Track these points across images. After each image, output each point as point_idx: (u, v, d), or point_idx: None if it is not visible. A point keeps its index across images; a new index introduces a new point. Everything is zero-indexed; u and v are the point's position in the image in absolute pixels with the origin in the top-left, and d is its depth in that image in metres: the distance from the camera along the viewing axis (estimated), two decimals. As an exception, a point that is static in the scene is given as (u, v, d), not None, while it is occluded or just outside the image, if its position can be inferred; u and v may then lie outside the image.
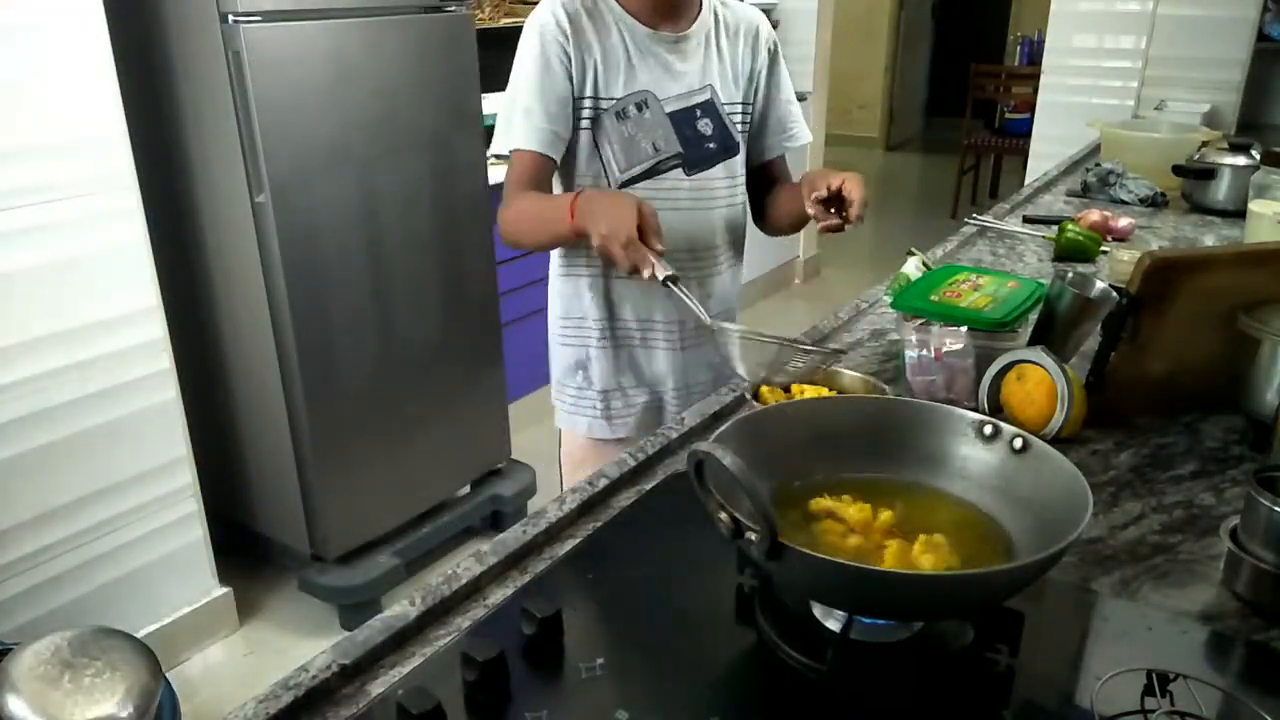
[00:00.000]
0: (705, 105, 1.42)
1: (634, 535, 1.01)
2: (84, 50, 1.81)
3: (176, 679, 2.02)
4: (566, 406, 1.55)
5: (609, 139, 1.37)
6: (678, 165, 1.40)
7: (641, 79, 1.37)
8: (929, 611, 0.79)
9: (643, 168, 1.38)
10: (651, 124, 1.38)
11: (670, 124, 1.39)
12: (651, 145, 1.38)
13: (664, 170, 1.39)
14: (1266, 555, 0.87)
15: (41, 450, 1.87)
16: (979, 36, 8.07)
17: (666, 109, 1.38)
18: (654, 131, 1.38)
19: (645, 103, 1.37)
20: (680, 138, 1.40)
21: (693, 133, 1.41)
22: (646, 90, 1.37)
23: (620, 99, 1.36)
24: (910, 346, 1.25)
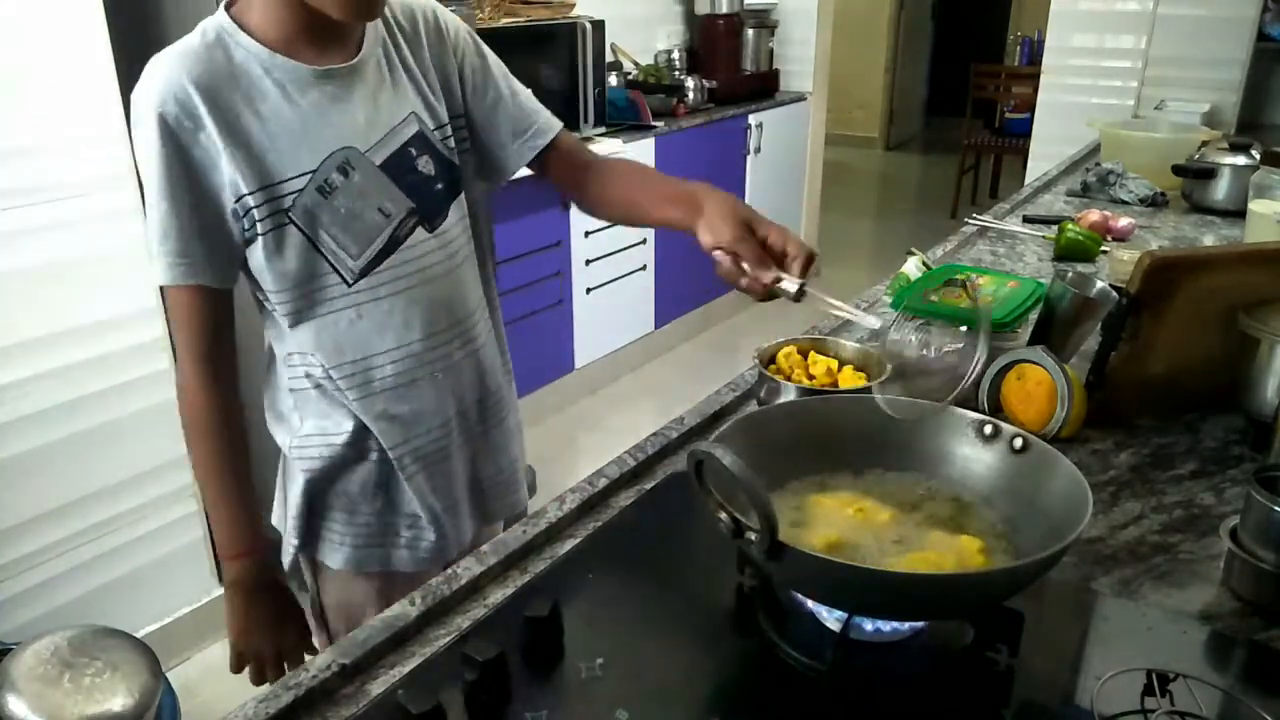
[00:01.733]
0: (417, 139, 1.09)
1: (634, 535, 1.01)
2: (84, 50, 1.81)
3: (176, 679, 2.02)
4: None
5: (321, 226, 1.03)
6: (416, 224, 1.09)
7: (330, 134, 1.03)
8: (929, 611, 0.79)
9: (380, 244, 1.06)
10: (365, 186, 1.05)
11: (387, 179, 1.07)
12: (378, 213, 1.06)
13: (404, 238, 1.08)
14: (1266, 555, 0.87)
15: (41, 450, 1.87)
16: (979, 36, 8.07)
17: (375, 160, 1.06)
18: (372, 194, 1.05)
19: (349, 163, 1.03)
20: (404, 189, 1.08)
21: (415, 178, 1.09)
22: (344, 146, 1.03)
23: (315, 170, 1.02)
24: (910, 346, 1.25)
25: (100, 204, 1.87)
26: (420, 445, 1.16)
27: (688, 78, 3.99)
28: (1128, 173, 2.37)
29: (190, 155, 0.98)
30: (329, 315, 1.07)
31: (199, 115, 0.97)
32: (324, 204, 1.03)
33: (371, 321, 1.08)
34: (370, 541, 1.19)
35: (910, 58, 8.41)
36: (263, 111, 1.00)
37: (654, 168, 1.37)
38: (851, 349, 1.24)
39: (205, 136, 0.98)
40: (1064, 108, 3.76)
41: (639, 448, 1.14)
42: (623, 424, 3.40)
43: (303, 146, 1.02)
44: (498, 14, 2.94)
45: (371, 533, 1.19)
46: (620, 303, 3.62)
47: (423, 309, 1.11)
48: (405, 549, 1.20)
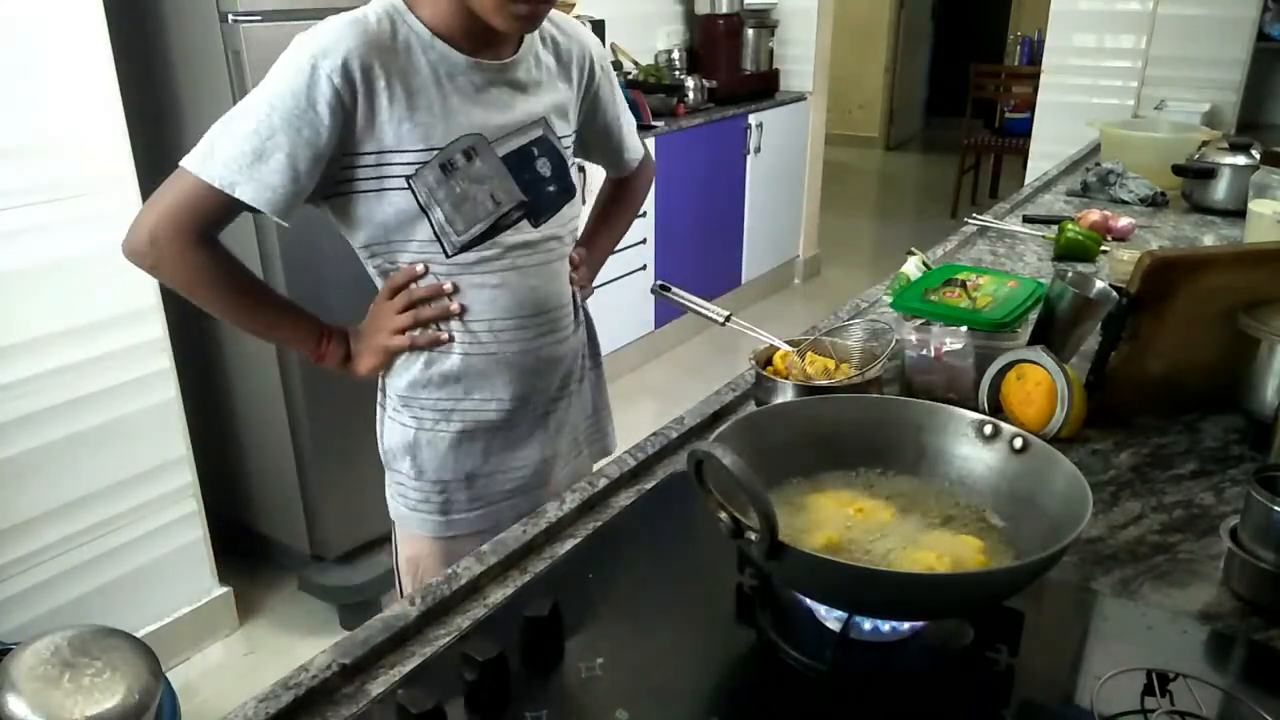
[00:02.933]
0: (540, 142, 1.19)
1: (634, 535, 1.01)
2: (84, 50, 1.81)
3: (176, 679, 2.02)
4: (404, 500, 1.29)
5: (436, 199, 1.11)
6: (522, 217, 1.18)
7: (464, 120, 1.12)
8: (929, 611, 0.79)
9: (483, 226, 1.14)
10: (485, 173, 1.14)
11: (506, 169, 1.15)
12: (490, 198, 1.14)
13: (507, 226, 1.16)
14: (1266, 555, 0.87)
15: (41, 450, 1.87)
16: (979, 36, 8.08)
17: (499, 152, 1.15)
18: (489, 181, 1.14)
19: (474, 149, 1.13)
20: (520, 184, 1.17)
21: (532, 176, 1.18)
22: (474, 133, 1.13)
23: (443, 148, 1.11)
24: (910, 346, 1.25)
25: (100, 204, 1.87)
26: (480, 419, 1.23)
27: (688, 77, 3.99)
28: (1128, 173, 2.37)
29: (318, 105, 1.04)
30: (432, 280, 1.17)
31: (351, 79, 1.05)
32: (444, 180, 1.11)
33: (464, 294, 1.17)
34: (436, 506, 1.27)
35: (910, 58, 8.41)
36: (412, 85, 1.09)
37: (631, 213, 1.61)
38: (850, 348, 1.24)
39: (346, 97, 1.05)
40: (1064, 108, 3.76)
41: (639, 448, 1.14)
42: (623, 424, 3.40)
43: (439, 125, 1.11)
44: (498, 14, 2.93)
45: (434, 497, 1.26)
46: (620, 303, 3.62)
47: (510, 294, 1.18)
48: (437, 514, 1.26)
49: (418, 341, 1.18)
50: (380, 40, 1.07)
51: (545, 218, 1.20)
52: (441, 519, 1.26)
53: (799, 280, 4.95)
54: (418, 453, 1.23)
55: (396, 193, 1.11)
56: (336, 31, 1.06)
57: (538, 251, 1.20)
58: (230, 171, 1.05)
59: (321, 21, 1.08)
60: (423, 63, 1.10)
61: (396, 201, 1.11)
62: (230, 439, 2.46)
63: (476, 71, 1.13)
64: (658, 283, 1.31)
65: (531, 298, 1.20)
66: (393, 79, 1.08)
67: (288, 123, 1.04)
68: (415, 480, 1.25)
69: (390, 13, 1.10)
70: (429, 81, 1.10)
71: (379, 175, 1.10)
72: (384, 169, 1.10)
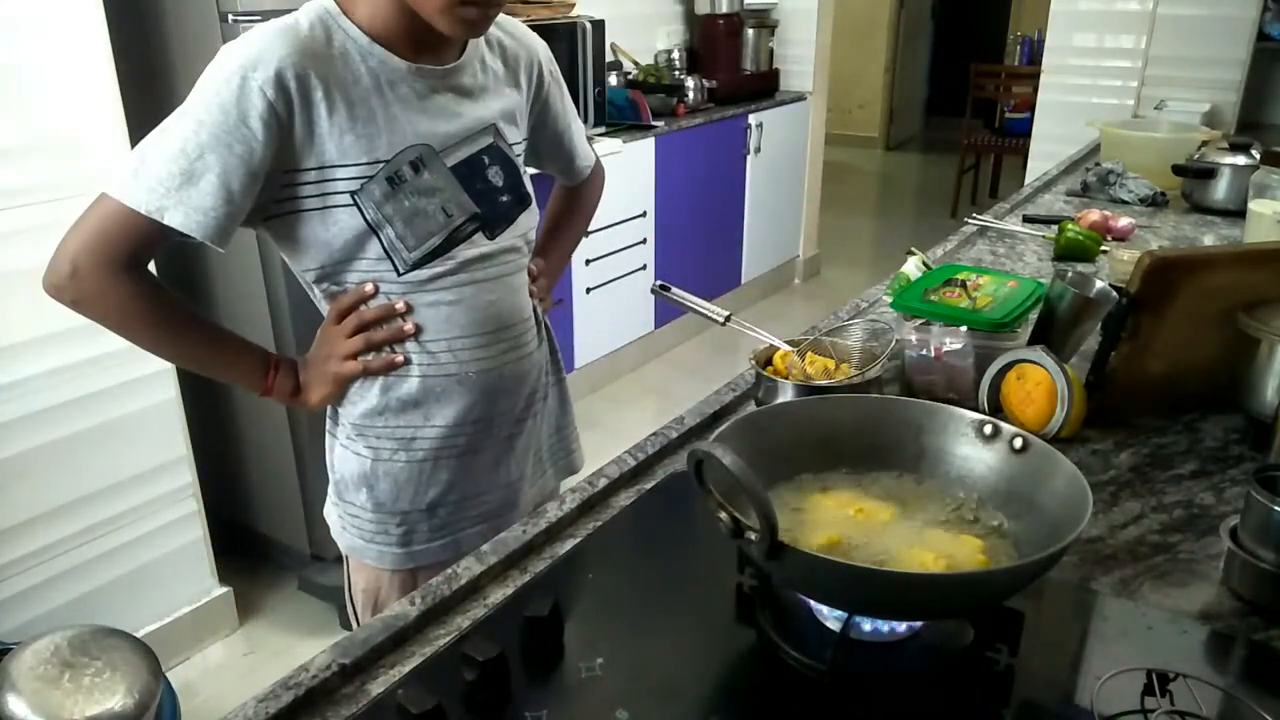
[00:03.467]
0: (491, 150, 1.14)
1: (634, 535, 1.01)
2: (84, 50, 1.81)
3: (176, 679, 2.02)
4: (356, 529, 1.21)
5: (384, 215, 1.05)
6: (476, 230, 1.12)
7: (409, 130, 1.06)
8: (929, 611, 0.79)
9: (436, 241, 1.08)
10: (435, 185, 1.08)
11: (456, 180, 1.10)
12: (442, 211, 1.08)
13: (461, 239, 1.10)
14: (1266, 555, 0.87)
15: (41, 450, 1.87)
16: (979, 36, 8.08)
17: (448, 162, 1.09)
18: (440, 193, 1.08)
19: (422, 159, 1.06)
20: (472, 195, 1.11)
21: (485, 186, 1.12)
22: (421, 143, 1.06)
23: (389, 161, 1.04)
24: (910, 346, 1.25)
25: (100, 204, 1.87)
26: (443, 445, 1.17)
27: (688, 77, 3.99)
28: (1128, 172, 2.37)
29: (252, 121, 0.97)
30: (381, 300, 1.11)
31: (285, 90, 0.98)
32: (392, 195, 1.05)
33: (416, 315, 1.11)
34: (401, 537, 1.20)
35: (910, 58, 8.42)
36: (352, 95, 1.03)
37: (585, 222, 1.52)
38: (850, 348, 1.24)
39: (280, 111, 0.98)
40: (1064, 108, 3.76)
41: (639, 448, 1.14)
42: (623, 424, 3.40)
43: (382, 136, 1.04)
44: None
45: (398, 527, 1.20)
46: (620, 303, 3.62)
47: (468, 310, 1.13)
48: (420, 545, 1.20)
49: (371, 366, 1.12)
50: (314, 48, 1.01)
51: (500, 229, 1.15)
52: (401, 551, 1.19)
53: (799, 280, 4.95)
54: (375, 484, 1.16)
55: (342, 210, 1.04)
56: (266, 40, 0.99)
57: (495, 264, 1.15)
58: (157, 195, 0.97)
59: (249, 30, 1.01)
60: (362, 70, 1.03)
61: (342, 219, 1.04)
62: (230, 439, 2.46)
63: (419, 78, 1.07)
64: (658, 283, 1.30)
65: (491, 313, 1.15)
66: (331, 89, 1.01)
67: (218, 140, 0.97)
68: (372, 512, 1.18)
69: (323, 18, 1.03)
70: (369, 90, 1.04)
71: (322, 193, 1.03)
72: (327, 185, 1.03)
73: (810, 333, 1.30)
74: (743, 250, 4.41)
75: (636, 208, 3.63)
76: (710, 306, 1.27)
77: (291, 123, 1.00)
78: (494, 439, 1.20)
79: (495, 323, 1.16)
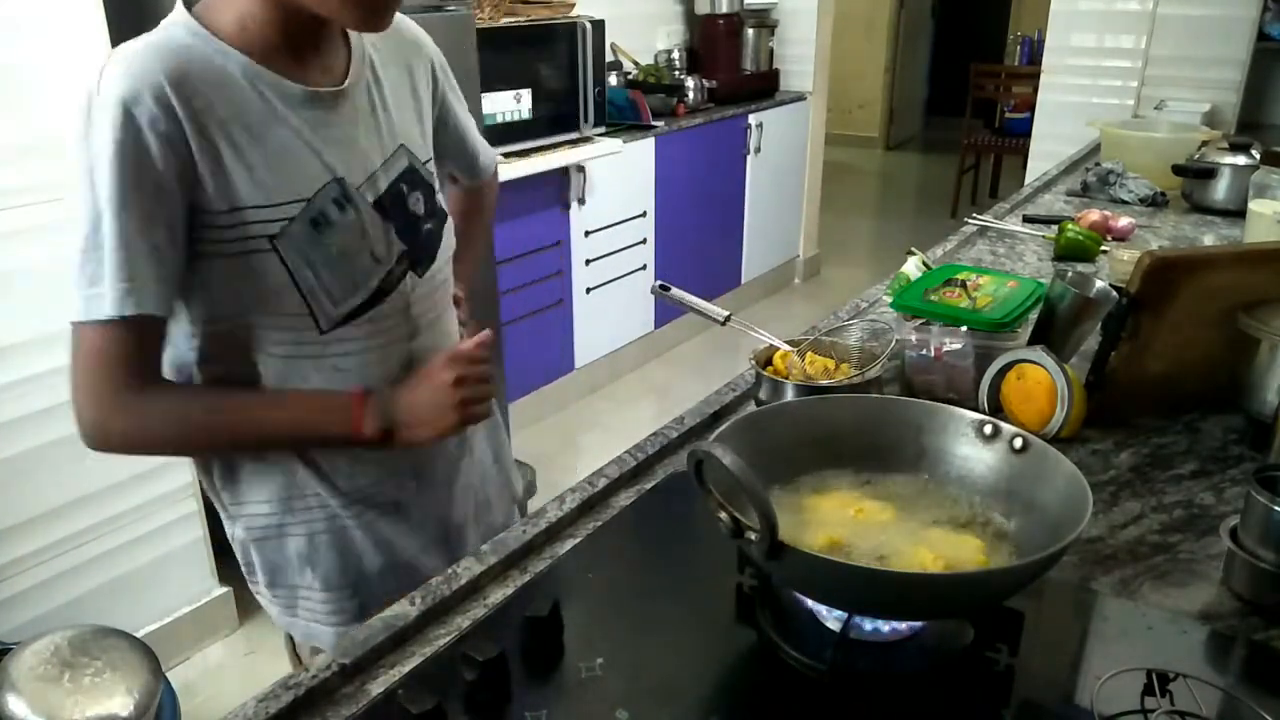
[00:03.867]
0: (408, 174, 1.00)
1: (634, 535, 1.01)
2: (83, 50, 1.81)
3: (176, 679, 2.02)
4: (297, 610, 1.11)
5: (308, 262, 0.91)
6: (405, 270, 0.99)
7: (323, 162, 0.92)
8: (929, 611, 0.79)
9: (367, 292, 0.95)
10: (359, 224, 0.94)
11: (379, 218, 0.96)
12: (370, 257, 0.95)
13: (392, 287, 0.97)
14: (1266, 555, 0.87)
15: (41, 450, 1.87)
16: (979, 36, 8.08)
17: (368, 197, 0.95)
18: (367, 235, 0.95)
19: (345, 196, 0.93)
20: (398, 231, 0.98)
21: (408, 218, 0.99)
22: (337, 177, 0.92)
23: (309, 200, 0.90)
24: (910, 346, 1.25)
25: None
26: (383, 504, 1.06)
27: (688, 77, 3.99)
28: (1128, 172, 2.37)
29: (154, 162, 0.84)
30: (299, 362, 0.95)
31: (175, 115, 0.84)
32: (317, 239, 0.91)
33: (335, 376, 0.97)
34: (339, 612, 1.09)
35: (910, 58, 8.42)
36: (251, 125, 0.88)
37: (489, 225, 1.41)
38: (850, 348, 1.24)
39: (178, 141, 0.85)
40: (1064, 108, 3.76)
41: (639, 448, 1.14)
42: (623, 424, 3.40)
43: (297, 171, 0.91)
44: (498, 14, 2.93)
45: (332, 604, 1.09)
46: (620, 303, 3.62)
47: (399, 364, 1.01)
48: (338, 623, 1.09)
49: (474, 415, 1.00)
50: (196, 66, 0.86)
51: (428, 264, 1.02)
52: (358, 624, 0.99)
53: (799, 280, 4.95)
54: (316, 561, 1.04)
55: (259, 256, 0.89)
56: (140, 61, 0.84)
57: (428, 303, 1.03)
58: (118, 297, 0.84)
59: (112, 58, 0.85)
60: (252, 95, 0.88)
61: (257, 267, 0.89)
62: (230, 439, 2.45)
63: (317, 102, 0.92)
64: (658, 283, 1.30)
65: (424, 359, 1.02)
66: (227, 117, 0.87)
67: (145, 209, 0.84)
68: (321, 591, 1.06)
69: (191, 34, 0.87)
70: (268, 118, 0.89)
71: (240, 236, 0.89)
72: (245, 229, 0.89)
73: (810, 333, 1.30)
74: (743, 250, 4.41)
75: (636, 208, 3.63)
76: (710, 306, 1.28)
77: (190, 151, 0.85)
78: (434, 484, 1.10)
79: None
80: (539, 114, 3.03)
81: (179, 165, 0.85)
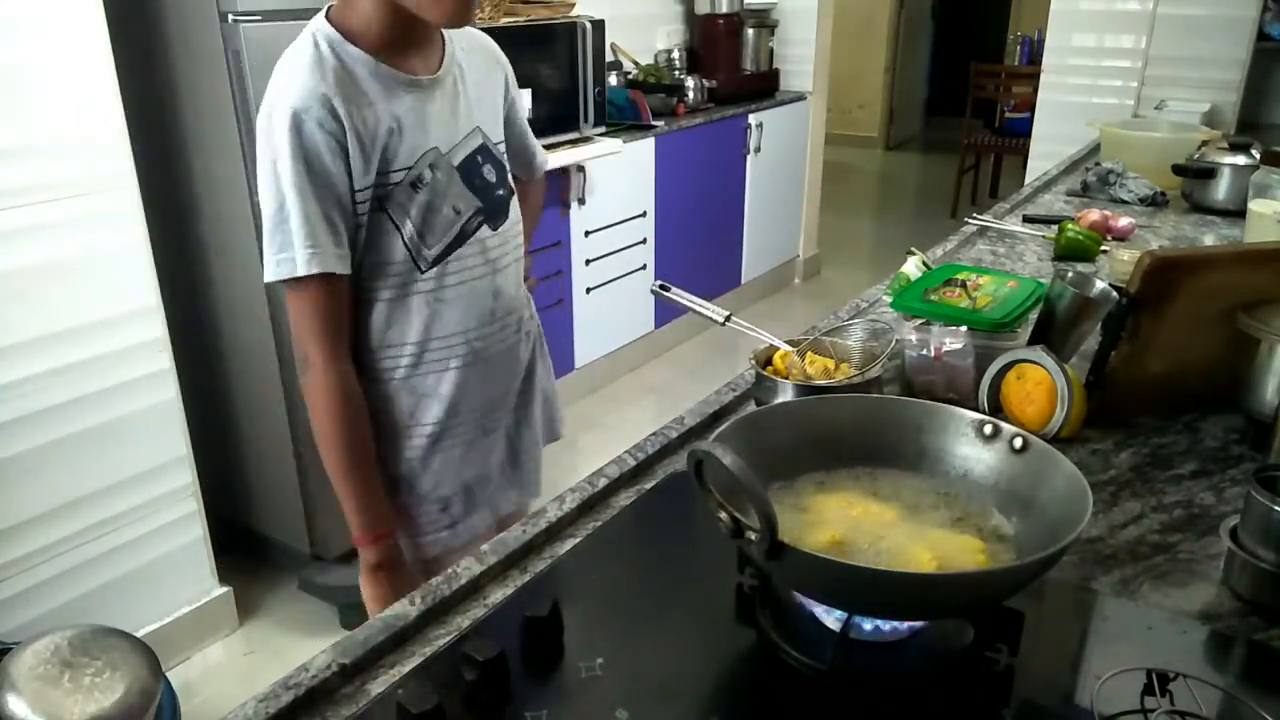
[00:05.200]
0: (482, 150, 1.25)
1: (634, 535, 1.01)
2: (84, 50, 1.81)
3: (176, 679, 2.02)
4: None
5: (408, 216, 1.16)
6: (482, 223, 1.24)
7: (422, 137, 1.16)
8: (929, 611, 0.79)
9: (451, 236, 1.20)
10: (445, 184, 1.19)
11: (460, 180, 1.21)
12: (452, 209, 1.19)
13: (471, 233, 1.22)
14: (1266, 555, 0.87)
15: (41, 450, 1.87)
16: (979, 36, 8.08)
17: (454, 162, 1.20)
18: (449, 192, 1.19)
19: (435, 163, 1.17)
20: (474, 191, 1.22)
21: (482, 182, 1.24)
22: (433, 147, 1.17)
23: (411, 167, 1.15)
24: (910, 346, 1.25)
25: (100, 204, 1.87)
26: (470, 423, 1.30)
27: (688, 77, 3.99)
28: (1128, 172, 2.37)
29: (323, 152, 1.09)
30: (407, 299, 1.20)
31: (337, 113, 1.08)
32: (413, 197, 1.16)
33: (441, 306, 1.22)
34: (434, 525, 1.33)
35: (910, 58, 8.41)
36: (376, 110, 1.12)
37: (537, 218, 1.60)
38: (850, 348, 1.24)
39: (338, 134, 1.09)
40: (1064, 107, 3.76)
41: (639, 448, 1.14)
42: (623, 424, 3.40)
43: (404, 144, 1.14)
44: (498, 14, 2.93)
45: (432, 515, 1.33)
46: (620, 303, 3.62)
47: (485, 298, 1.25)
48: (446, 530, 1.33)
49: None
50: (337, 71, 1.10)
51: (501, 220, 1.27)
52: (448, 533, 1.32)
53: (799, 280, 4.95)
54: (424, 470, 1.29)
55: (372, 217, 1.14)
56: (302, 72, 1.09)
57: (501, 251, 1.27)
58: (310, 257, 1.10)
59: (279, 71, 1.11)
60: (372, 86, 1.12)
61: (372, 227, 1.15)
62: (230, 439, 2.46)
63: (418, 88, 1.16)
64: (657, 283, 1.31)
65: (502, 298, 1.28)
66: (354, 110, 1.10)
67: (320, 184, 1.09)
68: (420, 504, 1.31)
69: (329, 41, 1.11)
70: (382, 104, 1.13)
71: (372, 208, 1.14)
72: (362, 194, 1.13)
73: (810, 333, 1.30)
74: (743, 250, 4.41)
75: (636, 208, 3.63)
76: (710, 306, 1.28)
77: (347, 147, 1.10)
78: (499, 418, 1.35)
79: (506, 307, 1.29)
80: (539, 114, 3.02)
81: (342, 155, 1.10)
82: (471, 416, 1.30)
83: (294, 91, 1.08)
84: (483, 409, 1.31)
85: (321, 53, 1.10)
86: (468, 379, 1.27)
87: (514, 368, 1.36)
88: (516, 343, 1.35)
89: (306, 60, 1.10)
